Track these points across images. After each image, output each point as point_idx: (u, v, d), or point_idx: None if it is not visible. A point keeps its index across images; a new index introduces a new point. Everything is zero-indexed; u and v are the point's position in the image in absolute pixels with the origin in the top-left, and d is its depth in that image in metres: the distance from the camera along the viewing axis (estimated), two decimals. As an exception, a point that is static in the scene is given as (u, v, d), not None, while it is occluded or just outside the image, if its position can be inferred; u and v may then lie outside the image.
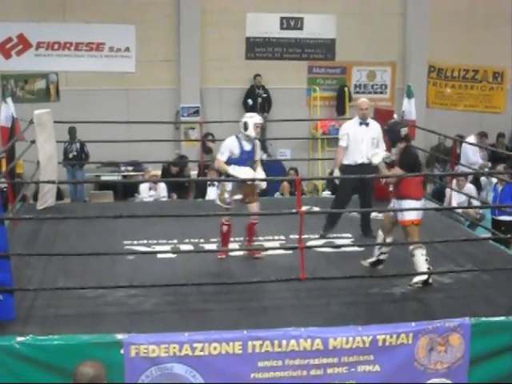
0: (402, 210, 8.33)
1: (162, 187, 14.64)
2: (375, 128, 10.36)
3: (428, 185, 17.82)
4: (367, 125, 10.28)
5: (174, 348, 6.80)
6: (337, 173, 10.46)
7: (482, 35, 19.85)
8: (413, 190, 8.37)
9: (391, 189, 8.72)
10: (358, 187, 10.29)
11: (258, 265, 8.84)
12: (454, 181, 13.71)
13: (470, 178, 15.07)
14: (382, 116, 12.37)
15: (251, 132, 9.11)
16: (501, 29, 19.80)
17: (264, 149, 18.03)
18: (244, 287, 8.01)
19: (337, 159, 10.60)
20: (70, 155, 16.69)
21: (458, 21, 19.78)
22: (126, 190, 16.15)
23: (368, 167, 9.41)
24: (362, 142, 10.21)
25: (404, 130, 8.53)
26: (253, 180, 9.08)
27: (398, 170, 8.43)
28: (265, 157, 17.45)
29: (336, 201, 10.50)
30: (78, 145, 16.60)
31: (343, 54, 19.48)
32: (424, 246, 8.33)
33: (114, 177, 17.32)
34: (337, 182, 10.80)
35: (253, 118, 9.22)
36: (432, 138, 18.26)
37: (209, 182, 14.89)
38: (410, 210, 8.30)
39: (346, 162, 10.35)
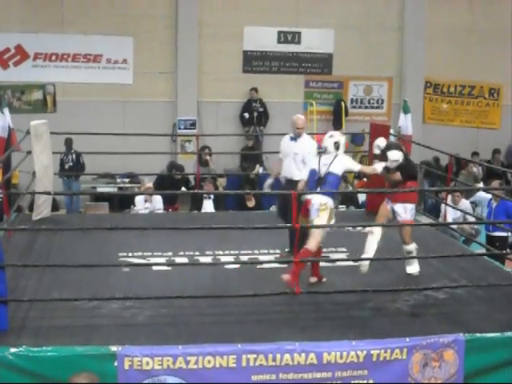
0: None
1: (158, 199, 14.62)
2: (301, 145, 9.99)
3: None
4: (296, 140, 10.14)
5: (168, 361, 6.78)
6: (270, 182, 10.38)
7: (479, 51, 19.94)
8: (411, 196, 9.23)
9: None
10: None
11: (253, 278, 8.83)
12: (450, 196, 13.72)
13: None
14: (377, 131, 12.40)
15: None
16: (497, 45, 19.91)
17: (260, 162, 18.08)
18: (239, 300, 8.00)
19: (273, 170, 10.61)
20: (66, 166, 16.71)
21: (454, 37, 19.88)
22: (122, 202, 16.15)
23: (290, 182, 9.79)
24: (287, 157, 10.07)
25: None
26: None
27: (398, 176, 9.13)
28: (261, 170, 17.48)
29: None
30: (73, 156, 16.63)
31: (340, 69, 19.56)
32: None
33: (110, 188, 17.33)
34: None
35: (343, 137, 9.05)
36: (428, 154, 18.28)
37: (205, 195, 14.91)
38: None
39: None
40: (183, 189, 16.36)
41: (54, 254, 9.75)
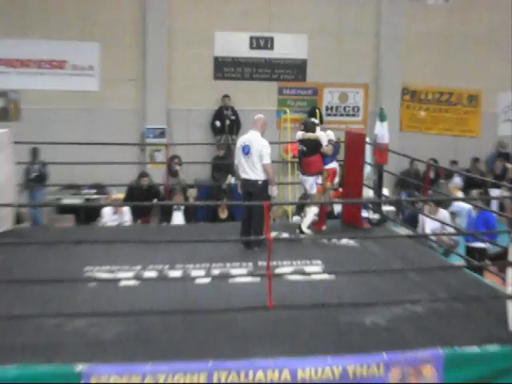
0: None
1: (126, 211, 14.59)
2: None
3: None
4: None
5: (137, 379, 6.75)
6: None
7: (457, 57, 20.11)
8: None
9: None
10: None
11: (225, 293, 8.82)
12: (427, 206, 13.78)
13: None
14: (353, 139, 12.46)
15: None
16: (476, 51, 20.10)
17: (232, 172, 18.05)
18: (210, 316, 8.00)
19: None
20: (31, 176, 16.61)
21: (432, 42, 20.03)
22: (88, 214, 16.07)
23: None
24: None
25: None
26: None
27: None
28: (233, 180, 17.46)
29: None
30: (39, 166, 16.53)
31: (315, 75, 19.62)
32: None
33: (76, 200, 17.24)
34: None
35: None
36: (405, 163, 18.41)
37: (174, 207, 14.88)
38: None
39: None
40: (155, 201, 16.29)
41: (16, 269, 9.67)
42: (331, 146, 11.79)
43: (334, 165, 11.89)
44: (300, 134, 11.85)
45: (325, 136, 11.75)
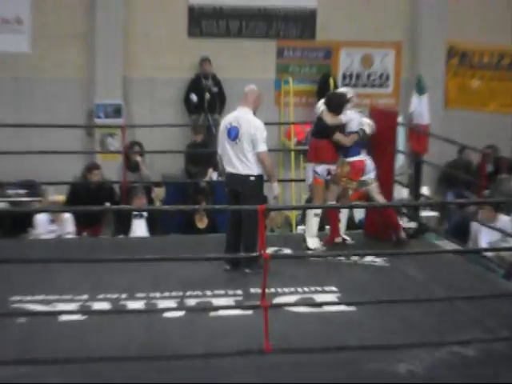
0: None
1: (68, 219, 14.61)
2: None
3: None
4: None
5: None
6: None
7: (524, 6, 20.17)
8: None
9: None
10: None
11: (204, 331, 8.87)
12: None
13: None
14: (380, 119, 12.50)
15: None
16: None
17: (213, 165, 18.12)
18: (184, 362, 8.05)
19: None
20: None
21: (489, -14, 20.11)
22: (16, 223, 16.09)
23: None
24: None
25: None
26: None
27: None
28: (215, 176, 17.49)
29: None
30: None
31: (327, 31, 19.65)
32: None
33: (-1, 204, 17.28)
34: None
35: None
36: (453, 152, 18.46)
37: (135, 213, 14.91)
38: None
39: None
40: (107, 204, 16.27)
41: None
42: (356, 136, 11.72)
43: (361, 157, 11.83)
44: (321, 108, 11.99)
45: (356, 121, 11.74)
